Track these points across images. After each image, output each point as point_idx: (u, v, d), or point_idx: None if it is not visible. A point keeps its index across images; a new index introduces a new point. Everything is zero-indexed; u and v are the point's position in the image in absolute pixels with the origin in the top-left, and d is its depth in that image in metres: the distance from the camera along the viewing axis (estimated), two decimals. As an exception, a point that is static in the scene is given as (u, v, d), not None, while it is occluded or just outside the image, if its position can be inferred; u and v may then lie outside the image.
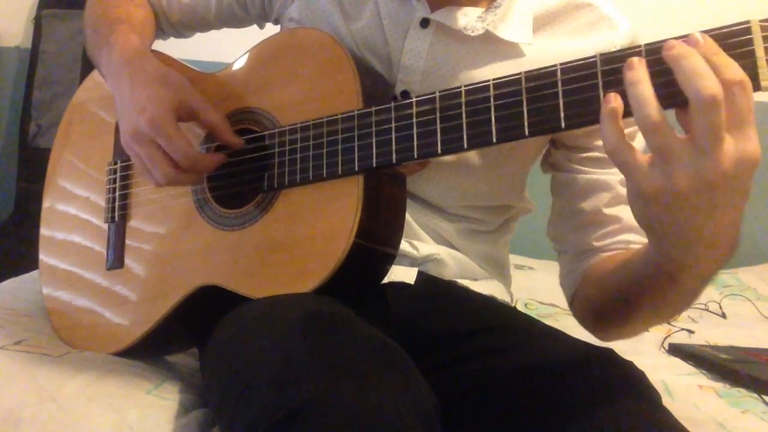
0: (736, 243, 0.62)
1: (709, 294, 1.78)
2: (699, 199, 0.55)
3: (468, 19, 0.81)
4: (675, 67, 0.54)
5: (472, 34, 0.81)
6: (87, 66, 1.57)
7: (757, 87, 0.54)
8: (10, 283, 1.14)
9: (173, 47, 1.06)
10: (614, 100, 0.57)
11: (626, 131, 0.57)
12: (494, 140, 0.65)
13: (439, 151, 0.69)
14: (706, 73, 0.53)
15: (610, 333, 0.82)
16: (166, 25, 1.04)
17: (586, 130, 0.82)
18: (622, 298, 0.74)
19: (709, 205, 0.55)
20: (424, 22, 0.83)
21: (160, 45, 1.05)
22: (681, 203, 0.56)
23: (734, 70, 0.53)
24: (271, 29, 0.96)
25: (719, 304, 1.69)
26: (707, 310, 1.67)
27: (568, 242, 0.87)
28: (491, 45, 0.82)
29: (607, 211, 0.83)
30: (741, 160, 0.54)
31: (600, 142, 0.82)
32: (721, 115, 0.52)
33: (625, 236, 0.82)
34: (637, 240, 0.82)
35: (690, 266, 0.63)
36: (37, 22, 2.27)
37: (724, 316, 1.65)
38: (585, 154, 0.85)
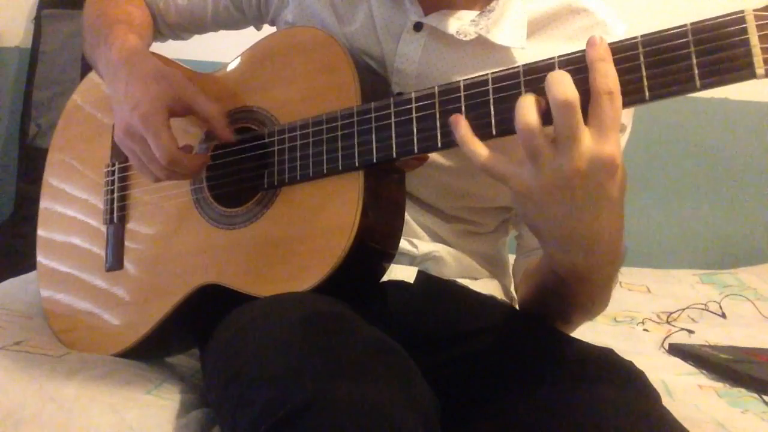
0: (617, 251, 0.67)
1: (709, 294, 1.78)
2: (562, 195, 0.60)
3: (461, 23, 0.81)
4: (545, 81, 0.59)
5: (464, 39, 0.80)
6: (87, 66, 1.56)
7: (752, 75, 0.55)
8: (10, 283, 1.14)
9: (171, 47, 1.07)
10: (459, 122, 0.64)
11: None
12: (494, 133, 0.65)
13: (439, 145, 0.69)
14: (560, 80, 0.58)
15: None
16: (163, 27, 1.04)
17: None
18: (540, 294, 0.80)
19: (571, 203, 0.60)
20: (418, 26, 0.82)
21: (157, 45, 1.05)
22: (547, 198, 0.60)
23: (607, 81, 0.57)
24: (268, 31, 0.96)
25: (719, 304, 1.69)
26: (707, 310, 1.67)
27: (523, 239, 0.91)
28: (484, 49, 0.82)
29: None
30: (595, 159, 0.57)
31: None
32: (574, 118, 0.57)
33: None
34: None
35: (572, 271, 0.69)
36: (37, 22, 2.26)
37: (724, 316, 1.64)
38: None
